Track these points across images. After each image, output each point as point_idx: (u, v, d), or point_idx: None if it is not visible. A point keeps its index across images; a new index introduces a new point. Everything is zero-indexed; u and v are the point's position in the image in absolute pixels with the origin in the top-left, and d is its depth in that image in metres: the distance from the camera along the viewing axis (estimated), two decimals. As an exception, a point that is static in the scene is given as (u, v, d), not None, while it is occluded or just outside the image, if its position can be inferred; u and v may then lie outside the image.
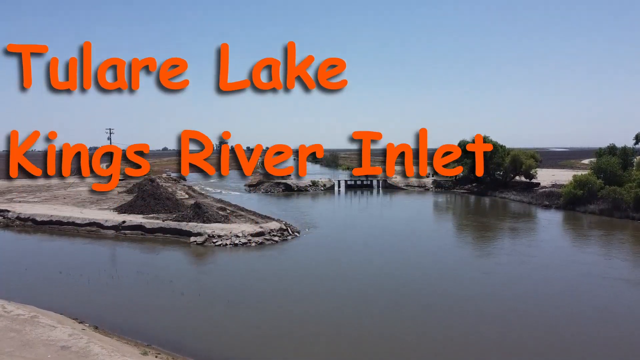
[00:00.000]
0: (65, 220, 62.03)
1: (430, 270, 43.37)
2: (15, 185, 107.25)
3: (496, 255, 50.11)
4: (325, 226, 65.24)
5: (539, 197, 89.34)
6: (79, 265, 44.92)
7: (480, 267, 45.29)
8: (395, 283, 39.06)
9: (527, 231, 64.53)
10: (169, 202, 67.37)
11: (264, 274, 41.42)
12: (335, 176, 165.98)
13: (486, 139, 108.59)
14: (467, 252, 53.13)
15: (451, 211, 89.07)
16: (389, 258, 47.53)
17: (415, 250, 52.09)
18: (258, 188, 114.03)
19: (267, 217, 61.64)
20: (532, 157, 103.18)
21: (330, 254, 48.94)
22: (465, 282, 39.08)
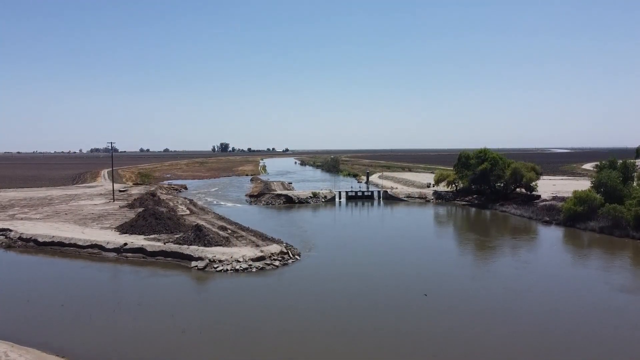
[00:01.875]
0: (67, 242, 62.39)
1: (436, 305, 43.45)
2: (18, 198, 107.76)
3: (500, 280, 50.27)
4: (325, 246, 65.38)
5: (539, 211, 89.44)
6: (81, 295, 45.20)
7: (489, 297, 45.43)
8: (393, 319, 39.19)
9: (528, 250, 64.57)
10: (170, 221, 67.65)
11: (264, 311, 40.90)
12: (336, 183, 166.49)
13: (487, 151, 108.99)
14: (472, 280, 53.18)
15: (451, 228, 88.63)
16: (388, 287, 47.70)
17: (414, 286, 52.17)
18: (259, 200, 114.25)
19: (268, 238, 61.87)
20: (532, 170, 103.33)
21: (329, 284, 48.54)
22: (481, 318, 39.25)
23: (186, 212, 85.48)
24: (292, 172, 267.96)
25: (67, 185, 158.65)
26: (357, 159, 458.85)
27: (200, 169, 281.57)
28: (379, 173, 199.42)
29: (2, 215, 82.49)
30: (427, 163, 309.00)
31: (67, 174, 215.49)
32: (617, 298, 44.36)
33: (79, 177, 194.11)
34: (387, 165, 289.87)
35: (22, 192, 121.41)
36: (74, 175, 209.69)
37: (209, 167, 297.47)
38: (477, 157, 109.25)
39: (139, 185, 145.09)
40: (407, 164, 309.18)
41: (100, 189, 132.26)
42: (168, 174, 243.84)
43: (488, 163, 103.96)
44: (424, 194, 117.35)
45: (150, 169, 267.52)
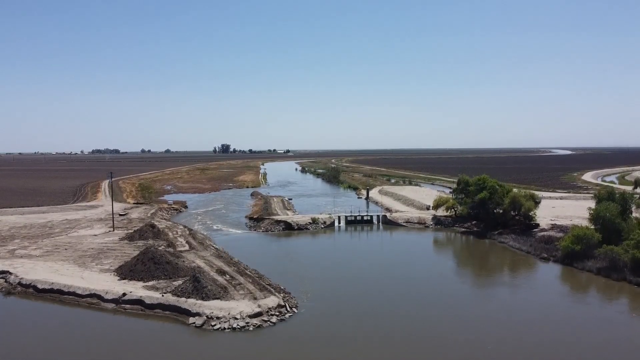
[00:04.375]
0: (66, 290, 62.74)
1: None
2: (18, 225, 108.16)
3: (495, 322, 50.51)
4: (323, 290, 65.60)
5: (537, 244, 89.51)
6: (76, 352, 45.74)
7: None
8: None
9: (525, 290, 64.81)
10: (169, 266, 67.97)
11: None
12: (336, 198, 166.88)
13: (486, 179, 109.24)
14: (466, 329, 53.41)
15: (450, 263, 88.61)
16: (391, 342, 47.95)
17: (416, 331, 52.41)
18: (259, 225, 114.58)
19: (266, 287, 61.99)
20: (531, 199, 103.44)
21: (325, 349, 48.89)
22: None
23: (185, 247, 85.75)
24: (292, 182, 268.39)
25: (67, 202, 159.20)
26: (358, 164, 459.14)
27: (201, 178, 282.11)
28: (379, 187, 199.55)
29: (2, 252, 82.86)
30: (429, 172, 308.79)
31: (67, 187, 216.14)
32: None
33: (79, 191, 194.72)
34: (388, 174, 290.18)
35: (22, 217, 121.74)
36: (75, 188, 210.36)
37: (209, 176, 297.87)
38: (476, 185, 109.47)
39: (139, 206, 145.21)
40: (407, 172, 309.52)
41: (101, 210, 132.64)
42: (169, 184, 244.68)
43: (487, 192, 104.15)
44: (423, 219, 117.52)
45: (150, 179, 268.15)
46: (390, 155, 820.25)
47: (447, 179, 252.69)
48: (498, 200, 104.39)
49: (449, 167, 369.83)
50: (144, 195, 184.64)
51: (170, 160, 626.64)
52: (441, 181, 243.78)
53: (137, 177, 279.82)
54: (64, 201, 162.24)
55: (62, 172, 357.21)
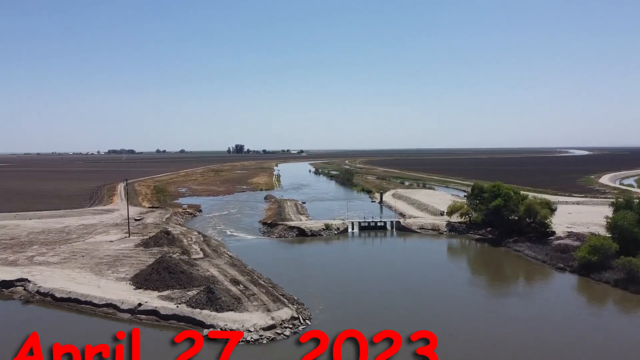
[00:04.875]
0: (83, 299, 63.68)
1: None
2: (36, 230, 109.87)
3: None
4: (336, 300, 65.69)
5: (553, 252, 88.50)
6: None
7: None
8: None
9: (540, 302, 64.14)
10: (183, 275, 68.56)
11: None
12: (350, 202, 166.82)
13: (501, 186, 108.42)
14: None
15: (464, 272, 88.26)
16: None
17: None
18: (272, 231, 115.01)
19: (279, 299, 62.18)
20: (547, 206, 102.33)
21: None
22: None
23: (199, 254, 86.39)
24: (305, 184, 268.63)
25: (84, 206, 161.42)
26: (371, 165, 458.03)
27: (215, 180, 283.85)
28: (393, 191, 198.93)
29: (21, 258, 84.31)
30: (443, 174, 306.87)
31: (84, 189, 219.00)
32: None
33: (95, 195, 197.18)
34: (401, 176, 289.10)
35: (40, 221, 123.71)
36: (91, 190, 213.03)
37: (223, 178, 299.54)
38: (490, 192, 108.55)
39: (154, 210, 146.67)
40: (421, 174, 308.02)
41: (117, 215, 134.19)
42: (183, 187, 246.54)
43: (501, 199, 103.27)
44: (437, 225, 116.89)
45: (165, 182, 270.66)
46: (403, 156, 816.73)
47: (461, 181, 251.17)
48: (513, 207, 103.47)
49: (462, 169, 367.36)
50: (159, 199, 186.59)
51: (185, 161, 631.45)
52: (455, 184, 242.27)
53: (153, 179, 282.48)
54: (81, 205, 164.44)
55: (79, 173, 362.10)
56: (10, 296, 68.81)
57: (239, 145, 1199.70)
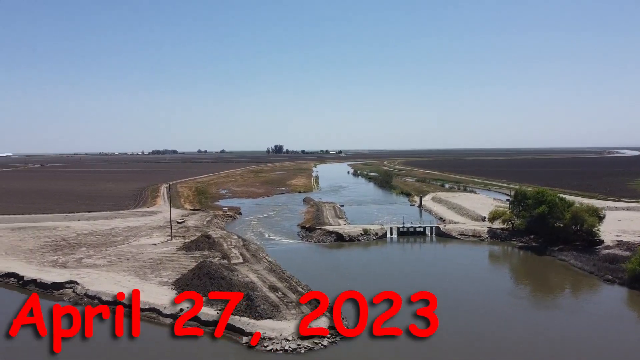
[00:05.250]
0: (128, 303, 65.57)
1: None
2: (84, 232, 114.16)
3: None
4: (373, 309, 65.31)
5: (601, 263, 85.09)
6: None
7: None
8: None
9: (585, 316, 61.85)
10: (223, 281, 69.73)
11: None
12: (388, 206, 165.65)
13: (545, 192, 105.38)
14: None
15: (507, 282, 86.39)
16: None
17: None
18: (310, 236, 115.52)
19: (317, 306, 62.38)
20: (594, 214, 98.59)
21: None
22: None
23: (239, 259, 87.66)
24: (344, 186, 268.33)
25: (128, 207, 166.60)
26: (410, 167, 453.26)
27: (254, 182, 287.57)
28: (432, 194, 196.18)
29: (70, 260, 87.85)
30: (484, 176, 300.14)
31: (129, 190, 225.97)
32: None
33: (139, 196, 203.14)
34: (441, 179, 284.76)
35: (88, 223, 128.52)
36: (136, 192, 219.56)
37: (263, 180, 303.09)
38: (534, 198, 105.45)
39: (195, 213, 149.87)
40: (462, 177, 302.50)
41: (160, 217, 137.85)
42: (224, 188, 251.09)
43: (546, 206, 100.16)
44: (478, 232, 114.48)
45: (207, 183, 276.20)
46: (444, 157, 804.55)
47: (503, 184, 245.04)
48: (558, 214, 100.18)
49: (506, 171, 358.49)
50: (200, 201, 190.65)
51: (225, 162, 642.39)
52: (497, 187, 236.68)
53: (194, 181, 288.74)
54: (126, 206, 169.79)
55: (124, 174, 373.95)
56: (60, 297, 71.84)
57: (278, 146, 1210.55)
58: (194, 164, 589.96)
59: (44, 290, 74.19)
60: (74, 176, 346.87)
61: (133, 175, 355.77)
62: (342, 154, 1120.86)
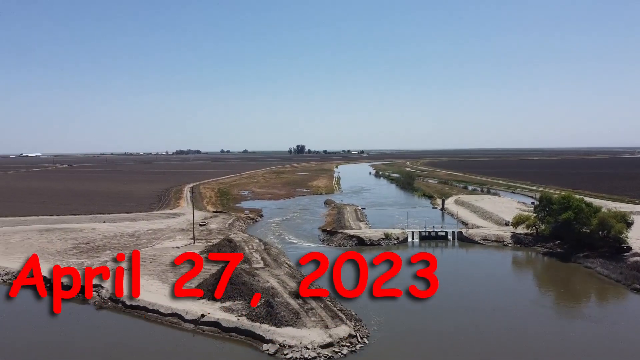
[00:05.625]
0: (151, 308, 66.83)
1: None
2: (109, 235, 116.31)
3: None
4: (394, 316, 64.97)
5: (628, 270, 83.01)
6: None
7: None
8: None
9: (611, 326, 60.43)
10: (244, 287, 70.29)
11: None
12: (410, 209, 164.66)
13: (571, 198, 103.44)
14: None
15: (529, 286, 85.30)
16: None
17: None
18: (331, 240, 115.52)
19: (337, 315, 62.20)
20: (622, 219, 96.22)
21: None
22: None
23: (260, 263, 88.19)
24: (366, 187, 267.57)
25: (152, 209, 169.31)
26: (433, 168, 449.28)
27: (276, 183, 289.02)
28: (455, 196, 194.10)
29: (95, 263, 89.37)
30: (508, 178, 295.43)
31: (153, 191, 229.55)
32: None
33: (163, 197, 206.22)
34: (464, 180, 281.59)
35: (113, 225, 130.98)
36: (159, 193, 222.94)
37: (284, 181, 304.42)
38: (559, 203, 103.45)
39: (217, 215, 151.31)
40: (485, 178, 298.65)
41: (182, 220, 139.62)
42: (246, 189, 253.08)
43: (572, 212, 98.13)
44: (501, 237, 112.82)
45: (229, 184, 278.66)
46: (467, 157, 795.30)
47: (528, 186, 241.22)
48: (584, 220, 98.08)
49: (530, 172, 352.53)
50: (222, 202, 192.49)
51: (247, 162, 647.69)
52: (522, 189, 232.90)
53: (217, 182, 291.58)
54: (150, 207, 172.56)
55: (149, 174, 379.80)
56: (85, 301, 73.31)
57: (300, 146, 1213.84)
58: (217, 164, 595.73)
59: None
60: (100, 177, 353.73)
61: (157, 176, 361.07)
62: (364, 154, 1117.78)
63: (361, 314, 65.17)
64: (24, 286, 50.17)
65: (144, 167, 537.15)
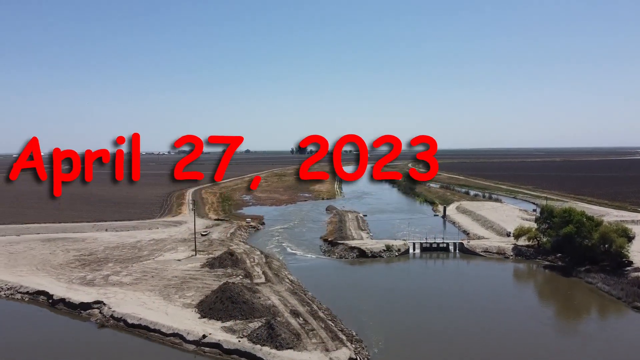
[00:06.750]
0: (152, 327, 67.19)
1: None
2: (111, 246, 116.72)
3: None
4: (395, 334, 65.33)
5: (629, 287, 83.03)
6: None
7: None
8: None
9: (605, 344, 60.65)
10: (245, 306, 70.60)
11: None
12: (412, 215, 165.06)
13: (573, 211, 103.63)
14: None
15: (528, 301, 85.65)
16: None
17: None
18: (333, 251, 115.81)
19: (338, 337, 62.53)
20: (624, 234, 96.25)
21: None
22: None
23: (261, 278, 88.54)
24: (367, 192, 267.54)
25: (154, 216, 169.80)
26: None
27: (278, 187, 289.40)
28: (457, 203, 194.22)
29: (97, 277, 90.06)
30: (511, 182, 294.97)
31: (155, 196, 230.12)
32: None
33: (165, 203, 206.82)
34: (467, 184, 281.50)
35: (115, 235, 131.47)
36: (161, 198, 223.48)
37: (286, 184, 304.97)
38: (560, 217, 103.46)
39: (219, 224, 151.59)
40: (487, 182, 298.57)
41: (184, 229, 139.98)
42: (248, 194, 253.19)
43: (573, 226, 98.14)
44: (503, 249, 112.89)
45: (231, 188, 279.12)
46: (470, 158, 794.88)
47: (530, 192, 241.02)
48: (585, 234, 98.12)
49: (533, 175, 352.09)
50: (224, 208, 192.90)
51: (249, 163, 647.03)
52: (524, 194, 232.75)
53: (219, 186, 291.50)
54: (151, 214, 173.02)
55: (151, 176, 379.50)
56: (87, 318, 73.79)
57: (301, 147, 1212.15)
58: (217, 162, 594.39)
59: (72, 310, 76.41)
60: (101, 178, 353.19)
61: (159, 178, 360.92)
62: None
63: (362, 334, 65.56)
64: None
65: (146, 167, 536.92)
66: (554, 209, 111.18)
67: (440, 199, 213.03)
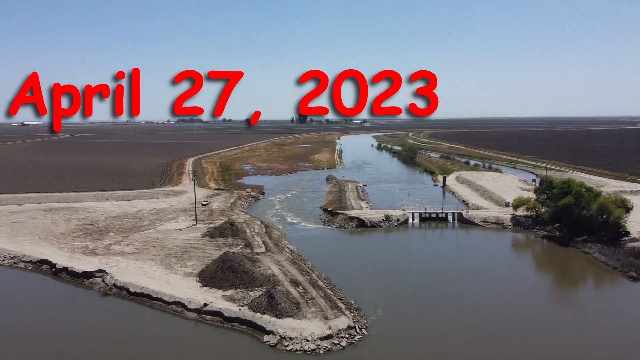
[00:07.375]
0: (154, 296, 68.31)
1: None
2: (112, 215, 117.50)
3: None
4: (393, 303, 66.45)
5: (625, 257, 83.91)
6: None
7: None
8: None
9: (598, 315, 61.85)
10: (246, 275, 71.54)
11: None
12: (412, 185, 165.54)
13: (572, 182, 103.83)
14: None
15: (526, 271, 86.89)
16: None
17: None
18: (332, 221, 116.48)
19: (337, 306, 63.43)
20: (622, 205, 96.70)
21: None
22: None
23: (261, 247, 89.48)
24: (367, 162, 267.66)
25: (154, 185, 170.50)
26: (435, 140, 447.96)
27: (278, 157, 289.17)
28: (457, 173, 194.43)
29: (99, 247, 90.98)
30: (511, 152, 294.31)
31: (155, 166, 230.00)
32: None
33: (165, 172, 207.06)
34: (467, 154, 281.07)
35: (116, 204, 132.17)
36: (162, 167, 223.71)
37: (286, 154, 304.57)
38: (559, 188, 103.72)
39: (219, 194, 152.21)
40: (488, 152, 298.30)
41: (185, 199, 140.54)
42: (248, 164, 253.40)
43: (572, 197, 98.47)
44: (501, 219, 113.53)
45: (231, 157, 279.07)
46: (471, 128, 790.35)
47: (530, 161, 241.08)
48: (584, 205, 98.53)
49: (533, 145, 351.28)
50: (224, 178, 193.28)
51: (249, 132, 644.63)
52: (524, 164, 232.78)
53: (219, 155, 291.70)
54: (152, 184, 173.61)
55: (151, 146, 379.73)
56: (90, 286, 74.91)
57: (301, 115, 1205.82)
58: (219, 134, 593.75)
59: (75, 279, 77.51)
60: (102, 149, 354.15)
61: (160, 148, 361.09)
62: (367, 123, 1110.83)
63: (360, 302, 66.55)
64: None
65: (146, 137, 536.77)
66: (554, 180, 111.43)
67: (440, 169, 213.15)
